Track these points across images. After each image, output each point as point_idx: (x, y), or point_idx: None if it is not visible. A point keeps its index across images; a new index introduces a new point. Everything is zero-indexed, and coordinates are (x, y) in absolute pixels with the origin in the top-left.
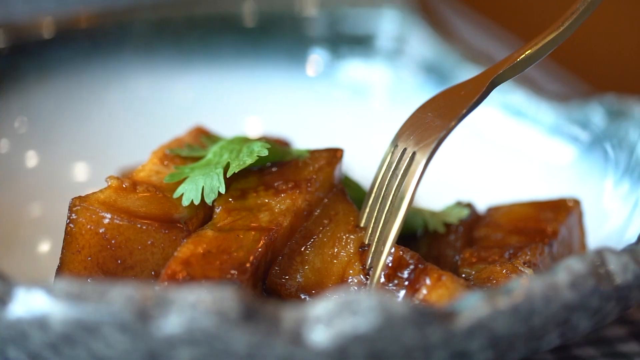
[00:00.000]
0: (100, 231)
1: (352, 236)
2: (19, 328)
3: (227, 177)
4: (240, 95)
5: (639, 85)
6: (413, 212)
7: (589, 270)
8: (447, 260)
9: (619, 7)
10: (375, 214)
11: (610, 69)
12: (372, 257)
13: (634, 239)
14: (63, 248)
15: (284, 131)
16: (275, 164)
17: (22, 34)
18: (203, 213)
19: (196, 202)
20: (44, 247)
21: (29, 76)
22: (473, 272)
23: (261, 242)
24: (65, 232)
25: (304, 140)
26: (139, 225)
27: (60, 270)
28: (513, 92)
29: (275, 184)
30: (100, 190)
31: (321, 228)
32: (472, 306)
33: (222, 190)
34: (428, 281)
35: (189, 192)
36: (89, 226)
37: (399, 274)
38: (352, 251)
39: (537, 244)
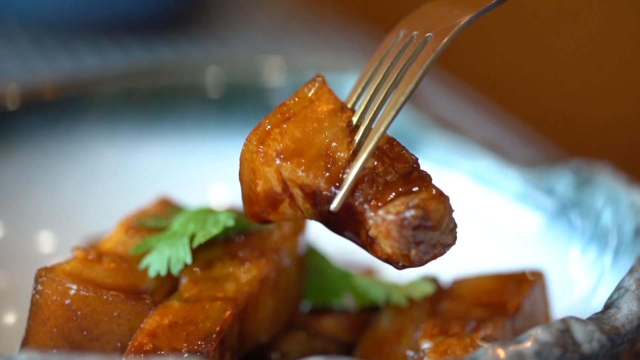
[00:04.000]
0: (66, 302)
1: (338, 113)
2: None
3: (193, 247)
4: (206, 165)
5: (608, 148)
6: (375, 284)
7: (555, 339)
8: (408, 335)
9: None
10: (369, 95)
11: (579, 132)
12: (362, 135)
13: (599, 308)
14: (29, 319)
15: None
16: (241, 234)
17: None
18: (169, 284)
19: (162, 273)
20: (10, 318)
21: None
22: (432, 345)
23: (228, 313)
24: (31, 303)
25: None
26: (105, 297)
27: (25, 341)
28: (480, 158)
29: (241, 253)
30: (66, 261)
31: (302, 108)
32: None
33: (188, 261)
34: (432, 190)
35: (155, 263)
36: (54, 297)
37: (395, 165)
38: (338, 127)
39: (499, 317)
